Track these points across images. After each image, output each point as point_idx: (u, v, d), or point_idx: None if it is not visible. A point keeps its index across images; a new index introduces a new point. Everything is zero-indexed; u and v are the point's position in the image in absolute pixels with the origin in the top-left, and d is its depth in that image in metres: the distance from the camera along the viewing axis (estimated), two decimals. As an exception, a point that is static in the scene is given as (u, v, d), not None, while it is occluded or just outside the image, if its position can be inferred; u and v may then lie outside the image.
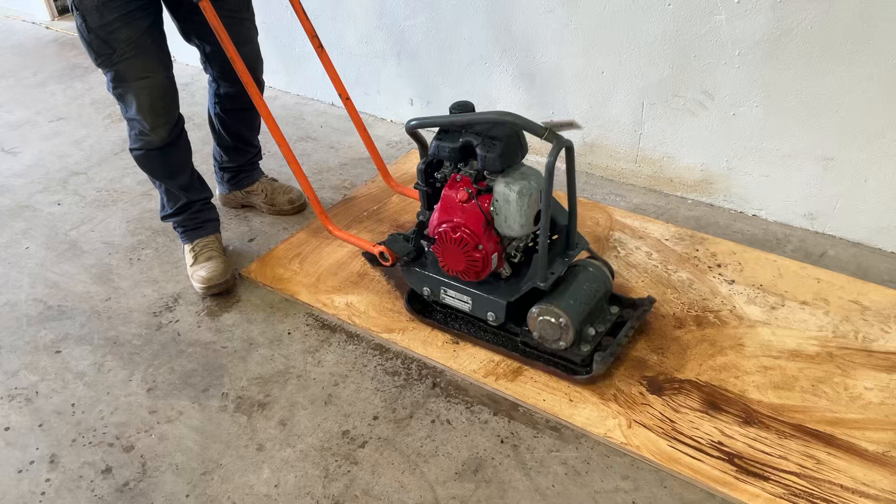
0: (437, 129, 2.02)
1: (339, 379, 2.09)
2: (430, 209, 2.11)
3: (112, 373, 2.17)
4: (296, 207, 2.86)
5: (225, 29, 2.19)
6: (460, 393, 2.03)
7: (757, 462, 1.76)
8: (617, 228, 2.58)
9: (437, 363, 2.11)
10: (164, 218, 2.59)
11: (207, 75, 2.61)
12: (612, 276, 2.10)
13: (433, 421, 1.95)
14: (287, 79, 3.74)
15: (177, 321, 2.34)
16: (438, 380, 2.07)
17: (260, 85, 2.55)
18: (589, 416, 1.91)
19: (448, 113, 1.95)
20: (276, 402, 2.04)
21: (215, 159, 2.83)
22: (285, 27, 3.50)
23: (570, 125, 1.83)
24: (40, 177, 3.20)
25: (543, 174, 1.83)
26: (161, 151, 2.41)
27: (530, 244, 2.09)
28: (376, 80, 3.37)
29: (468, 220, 1.97)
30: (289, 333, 2.27)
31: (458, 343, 2.16)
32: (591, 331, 2.01)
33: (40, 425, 2.02)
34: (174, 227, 2.60)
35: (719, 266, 2.38)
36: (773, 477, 1.72)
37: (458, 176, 2.00)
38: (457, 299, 2.13)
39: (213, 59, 2.49)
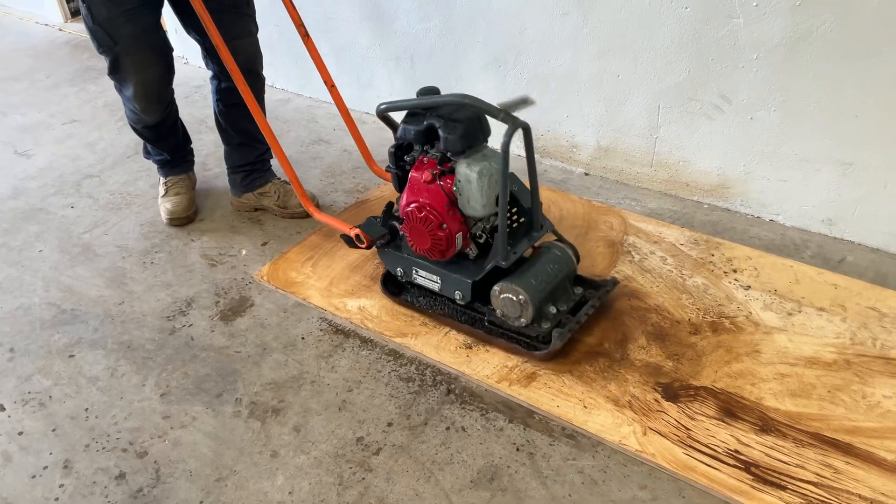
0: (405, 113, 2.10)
1: (353, 385, 2.08)
2: (401, 191, 2.17)
3: (126, 377, 2.17)
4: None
5: (225, 22, 2.30)
6: (475, 399, 2.01)
7: (774, 471, 1.74)
8: (631, 233, 2.56)
9: (450, 368, 2.09)
10: (145, 157, 2.94)
11: (209, 71, 2.66)
12: (578, 259, 2.16)
13: (448, 428, 1.93)
14: (301, 82, 3.74)
15: (190, 325, 2.33)
16: (453, 386, 2.06)
17: (260, 79, 2.65)
18: (603, 423, 1.89)
19: (415, 97, 2.03)
20: (289, 407, 2.03)
21: (227, 163, 2.86)
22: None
23: (524, 103, 1.88)
24: (54, 179, 3.20)
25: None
26: (152, 127, 2.68)
27: (496, 225, 2.11)
28: (389, 83, 3.36)
29: (432, 200, 2.04)
30: (302, 338, 2.26)
31: (470, 348, 2.15)
32: (553, 309, 2.06)
33: (54, 430, 2.02)
34: (153, 162, 2.91)
35: (735, 271, 2.35)
36: (790, 486, 1.70)
37: (425, 158, 2.07)
38: (427, 279, 2.20)
39: (213, 54, 2.52)
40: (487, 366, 2.09)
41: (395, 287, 2.36)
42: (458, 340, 2.18)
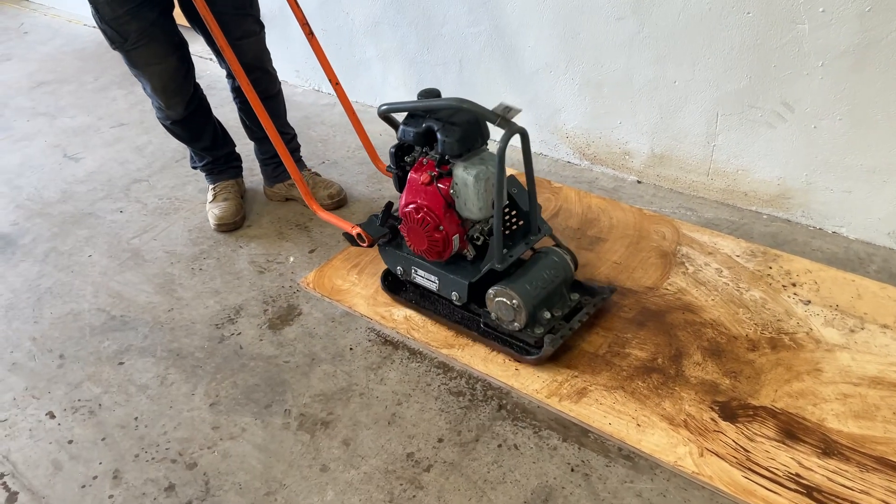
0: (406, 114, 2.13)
1: (402, 398, 2.05)
2: (402, 191, 2.20)
3: (175, 386, 2.16)
4: (336, 202, 2.89)
5: (230, 23, 2.38)
6: (527, 416, 1.96)
7: (837, 496, 1.67)
8: (685, 243, 2.49)
9: (499, 382, 2.05)
10: (193, 168, 2.99)
11: (224, 70, 2.71)
12: (576, 265, 2.18)
13: (500, 445, 1.89)
14: (346, 86, 3.67)
15: (239, 334, 2.32)
16: (504, 401, 2.01)
17: (269, 75, 2.72)
18: (658, 443, 1.83)
19: (416, 99, 2.06)
20: (339, 420, 2.00)
21: (256, 155, 2.96)
22: (344, 35, 3.48)
23: (513, 110, 1.91)
24: (102, 183, 3.22)
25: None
26: (181, 123, 2.72)
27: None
28: (437, 88, 3.32)
29: (430, 201, 2.07)
30: (351, 349, 2.23)
31: (519, 361, 2.10)
32: (547, 314, 2.07)
33: (103, 439, 2.01)
34: (200, 171, 2.96)
35: (794, 285, 2.27)
36: (855, 513, 1.63)
37: (424, 160, 2.11)
38: (426, 279, 2.23)
39: (221, 54, 2.54)
40: (537, 380, 2.04)
41: (395, 285, 2.40)
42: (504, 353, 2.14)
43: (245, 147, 3.05)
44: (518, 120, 1.95)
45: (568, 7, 2.67)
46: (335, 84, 2.59)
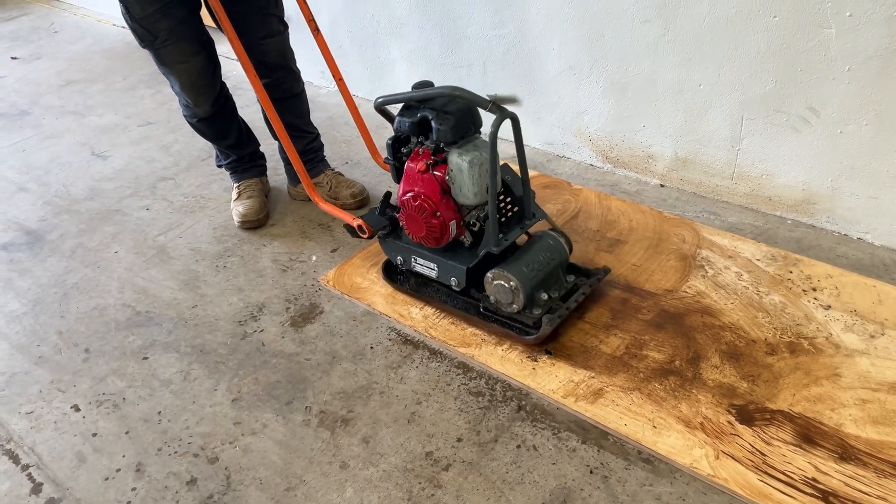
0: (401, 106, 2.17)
1: (422, 397, 2.06)
2: (399, 181, 2.25)
3: (198, 381, 2.18)
4: (358, 201, 2.91)
5: (254, 23, 2.48)
6: (546, 418, 1.96)
7: (854, 502, 1.65)
8: (705, 246, 2.48)
9: (517, 382, 2.05)
10: (218, 166, 3.03)
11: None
12: (570, 248, 2.25)
13: (518, 446, 1.89)
14: (371, 87, 3.74)
15: (261, 331, 2.34)
16: (524, 402, 2.01)
17: (292, 73, 2.75)
18: (674, 445, 1.82)
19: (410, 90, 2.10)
20: (358, 418, 2.01)
21: (280, 155, 2.99)
22: (370, 35, 3.50)
23: (512, 100, 1.94)
24: (129, 181, 3.26)
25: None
26: (207, 121, 2.75)
27: None
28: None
29: (426, 188, 2.12)
30: (371, 348, 2.24)
31: (535, 360, 2.11)
32: (544, 296, 2.14)
33: (127, 433, 2.04)
34: (225, 170, 2.98)
35: (814, 290, 2.26)
36: (872, 519, 1.62)
37: (420, 149, 2.16)
38: (425, 266, 2.28)
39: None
40: (554, 379, 2.04)
41: (395, 275, 2.46)
42: (521, 354, 2.14)
43: (270, 146, 3.08)
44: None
45: (593, 9, 2.67)
46: (339, 80, 2.62)
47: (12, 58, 4.82)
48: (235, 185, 2.97)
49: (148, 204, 3.08)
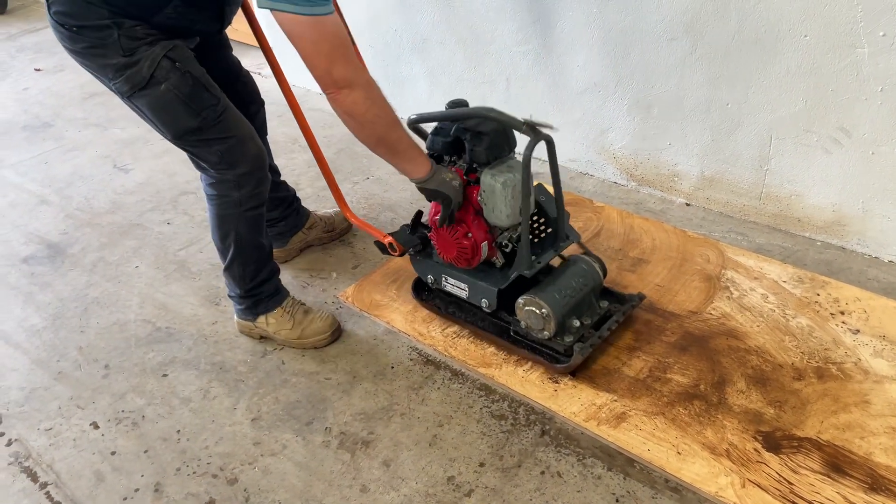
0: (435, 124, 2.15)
1: (443, 420, 2.02)
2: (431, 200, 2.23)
3: (217, 400, 2.16)
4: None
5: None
6: (571, 443, 1.92)
7: (884, 534, 1.61)
8: (730, 267, 2.43)
9: (538, 404, 2.02)
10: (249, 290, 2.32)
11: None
12: (604, 273, 2.20)
13: (542, 472, 1.85)
14: (392, 102, 3.63)
15: (281, 349, 2.32)
16: (547, 427, 1.98)
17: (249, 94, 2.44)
18: (699, 472, 1.78)
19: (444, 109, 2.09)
20: (379, 440, 1.98)
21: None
22: (392, 51, 3.49)
23: (548, 126, 1.92)
24: (151, 195, 3.26)
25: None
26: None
27: None
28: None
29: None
30: (392, 368, 2.21)
31: (557, 382, 2.08)
32: (576, 323, 2.09)
33: (146, 451, 2.02)
34: (257, 301, 2.32)
35: (842, 313, 2.21)
36: (902, 552, 1.57)
37: (453, 168, 2.11)
38: (455, 286, 2.24)
39: None
40: (576, 402, 2.01)
41: (425, 293, 2.42)
42: (542, 375, 2.11)
43: (290, 161, 3.06)
44: (556, 136, 1.95)
45: (619, 27, 2.65)
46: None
47: (36, 69, 4.84)
48: (281, 309, 2.33)
49: (169, 218, 3.07)
